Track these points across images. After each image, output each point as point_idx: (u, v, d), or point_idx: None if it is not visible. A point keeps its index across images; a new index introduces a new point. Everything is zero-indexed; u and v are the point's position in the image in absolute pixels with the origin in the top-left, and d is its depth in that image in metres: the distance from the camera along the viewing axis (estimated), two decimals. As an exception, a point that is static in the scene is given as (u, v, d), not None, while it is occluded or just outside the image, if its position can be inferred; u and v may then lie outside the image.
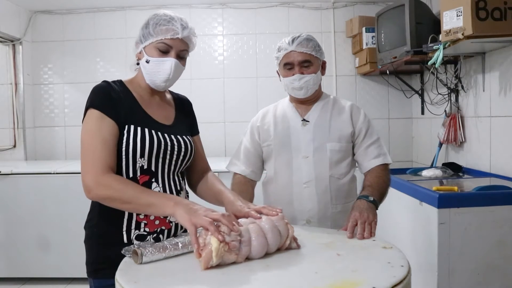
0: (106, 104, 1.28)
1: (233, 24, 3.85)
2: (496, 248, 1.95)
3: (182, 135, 1.42)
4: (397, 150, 3.82)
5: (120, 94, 1.33)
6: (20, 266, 3.19)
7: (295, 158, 1.71)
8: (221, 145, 3.84)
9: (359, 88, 3.85)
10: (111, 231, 1.32)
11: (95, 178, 1.22)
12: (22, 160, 3.72)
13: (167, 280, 1.04)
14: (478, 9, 2.04)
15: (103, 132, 1.26)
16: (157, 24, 1.31)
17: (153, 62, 1.33)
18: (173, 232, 1.36)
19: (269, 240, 1.17)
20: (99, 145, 1.24)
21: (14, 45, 3.68)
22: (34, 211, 3.14)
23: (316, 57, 1.69)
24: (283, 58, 1.69)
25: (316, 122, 1.72)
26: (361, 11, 3.73)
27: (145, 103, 1.38)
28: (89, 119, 1.28)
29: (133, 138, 1.29)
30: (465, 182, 2.40)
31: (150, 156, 1.31)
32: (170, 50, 1.32)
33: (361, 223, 1.40)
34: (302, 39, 1.66)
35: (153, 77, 1.35)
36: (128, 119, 1.30)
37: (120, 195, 1.21)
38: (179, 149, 1.38)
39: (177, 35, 1.31)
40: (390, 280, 0.98)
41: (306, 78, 1.66)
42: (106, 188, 1.22)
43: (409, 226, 2.29)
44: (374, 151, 1.71)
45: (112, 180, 1.23)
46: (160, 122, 1.38)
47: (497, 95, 2.45)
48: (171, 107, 1.48)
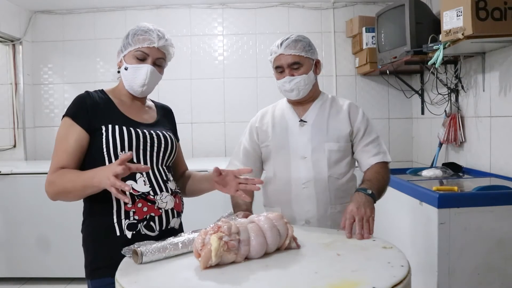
0: (78, 112, 1.38)
1: (233, 24, 3.85)
2: (496, 248, 1.94)
3: (162, 131, 1.49)
4: (397, 150, 3.82)
5: (98, 101, 1.42)
6: (20, 266, 3.20)
7: (293, 159, 1.70)
8: (221, 145, 3.84)
9: (359, 88, 3.85)
10: (103, 226, 1.36)
11: (47, 179, 1.34)
12: (22, 160, 3.72)
13: (167, 280, 1.04)
14: (478, 9, 2.04)
15: (69, 138, 1.36)
16: (135, 34, 1.44)
17: (131, 68, 1.43)
18: (165, 219, 1.40)
19: (268, 239, 1.17)
20: (62, 150, 1.36)
21: (14, 45, 3.68)
22: (34, 211, 3.14)
23: (307, 57, 1.67)
24: (274, 61, 1.70)
25: (313, 123, 1.72)
26: (361, 11, 3.73)
27: (125, 108, 1.46)
28: (61, 125, 1.41)
29: (112, 134, 1.37)
30: (465, 182, 2.40)
31: (130, 149, 1.38)
32: (146, 58, 1.43)
33: (358, 220, 1.38)
34: (290, 41, 1.66)
35: (131, 83, 1.45)
36: (104, 120, 1.39)
37: (62, 187, 1.31)
38: (159, 142, 1.45)
39: (153, 44, 1.42)
40: (390, 280, 0.98)
41: (296, 79, 1.66)
42: (51, 185, 1.33)
43: (409, 226, 2.29)
44: (373, 149, 1.69)
45: (56, 176, 1.33)
46: (140, 122, 1.46)
47: (497, 95, 2.45)
48: (152, 111, 1.57)
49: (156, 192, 1.39)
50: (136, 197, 1.35)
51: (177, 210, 1.46)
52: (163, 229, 1.40)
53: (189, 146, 3.83)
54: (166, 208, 1.41)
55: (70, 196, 1.33)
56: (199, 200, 1.71)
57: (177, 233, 1.43)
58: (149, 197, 1.37)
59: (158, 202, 1.38)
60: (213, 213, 1.64)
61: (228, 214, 1.45)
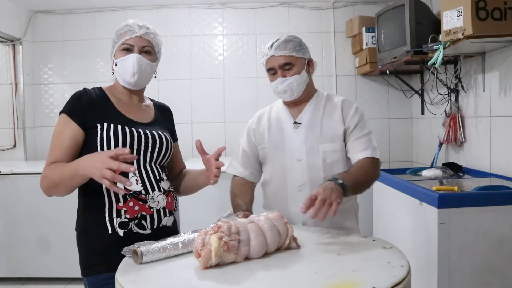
0: (73, 108, 1.41)
1: (233, 24, 3.85)
2: (496, 248, 1.94)
3: (158, 131, 1.49)
4: (397, 150, 3.82)
5: (95, 98, 1.44)
6: (20, 266, 3.20)
7: (288, 162, 1.69)
8: (221, 145, 3.76)
9: (359, 88, 3.85)
10: (95, 224, 1.38)
11: (42, 174, 1.37)
12: (22, 160, 3.72)
13: (167, 280, 1.04)
14: (478, 9, 2.04)
15: (64, 134, 1.39)
16: (117, 31, 1.50)
17: (119, 62, 1.47)
18: (156, 218, 1.41)
19: (268, 239, 1.17)
20: (57, 146, 1.39)
21: (14, 45, 3.68)
22: (34, 211, 3.14)
23: (298, 57, 1.66)
24: (266, 64, 1.70)
25: (307, 124, 1.70)
26: (361, 11, 3.73)
27: (122, 106, 1.47)
28: (57, 122, 1.44)
29: (107, 133, 1.38)
30: (465, 182, 2.40)
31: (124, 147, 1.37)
32: (132, 49, 1.47)
33: (320, 200, 1.30)
34: (280, 42, 1.65)
35: (123, 75, 1.47)
36: (100, 118, 1.40)
37: (51, 181, 1.35)
38: (154, 142, 1.45)
39: (135, 34, 1.46)
40: (390, 280, 0.98)
41: (288, 80, 1.65)
42: (43, 179, 1.37)
43: (409, 226, 2.29)
44: (362, 145, 1.66)
45: (48, 170, 1.36)
46: (137, 121, 1.47)
47: (497, 95, 2.45)
48: (150, 110, 1.57)
49: (148, 191, 1.40)
50: (127, 196, 1.37)
51: (169, 209, 1.47)
52: (155, 227, 1.41)
53: (189, 146, 3.82)
54: (158, 207, 1.41)
55: (61, 188, 1.36)
56: (199, 199, 1.71)
57: (171, 230, 1.46)
58: (140, 196, 1.38)
59: (150, 201, 1.39)
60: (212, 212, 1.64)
61: (227, 214, 1.45)
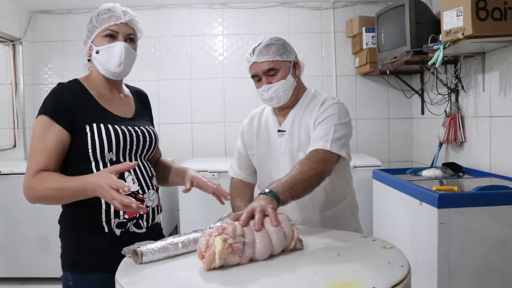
0: (57, 110, 1.31)
1: (233, 24, 3.84)
2: (496, 248, 1.94)
3: (143, 125, 1.46)
4: (397, 150, 3.82)
5: (76, 95, 1.35)
6: (20, 266, 3.20)
7: (275, 171, 1.62)
8: (221, 145, 3.84)
9: (359, 88, 3.85)
10: (90, 223, 1.33)
11: (25, 183, 1.28)
12: (22, 160, 3.71)
13: (167, 280, 1.04)
14: (478, 9, 2.04)
15: (47, 138, 1.29)
16: (98, 15, 1.37)
17: (103, 50, 1.36)
18: (151, 216, 1.40)
19: (273, 242, 1.14)
20: (40, 151, 1.29)
21: (14, 45, 3.68)
22: (34, 211, 3.12)
23: (282, 61, 1.57)
24: (249, 70, 1.63)
25: (289, 132, 1.62)
26: (361, 11, 3.73)
27: (104, 100, 1.40)
28: (37, 124, 1.32)
29: (98, 135, 1.31)
30: (465, 182, 2.40)
31: (117, 149, 1.34)
32: (117, 35, 1.37)
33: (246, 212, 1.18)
34: (262, 47, 1.57)
35: (107, 65, 1.37)
36: (86, 118, 1.32)
37: (44, 195, 1.27)
38: (144, 139, 1.42)
39: (120, 20, 1.36)
40: (390, 280, 0.98)
41: (274, 87, 1.57)
42: (30, 190, 1.28)
43: (409, 226, 2.29)
44: (316, 135, 1.51)
45: (36, 181, 1.26)
46: (121, 116, 1.41)
47: (497, 95, 2.45)
48: (130, 101, 1.51)
49: (144, 191, 1.38)
50: None
51: (160, 206, 1.47)
52: (149, 225, 1.41)
53: (189, 146, 3.83)
54: (153, 205, 1.41)
55: (53, 203, 1.31)
56: (199, 199, 1.70)
57: (160, 227, 1.47)
58: (138, 196, 1.36)
59: (146, 200, 1.38)
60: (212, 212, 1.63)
61: (227, 215, 1.44)
